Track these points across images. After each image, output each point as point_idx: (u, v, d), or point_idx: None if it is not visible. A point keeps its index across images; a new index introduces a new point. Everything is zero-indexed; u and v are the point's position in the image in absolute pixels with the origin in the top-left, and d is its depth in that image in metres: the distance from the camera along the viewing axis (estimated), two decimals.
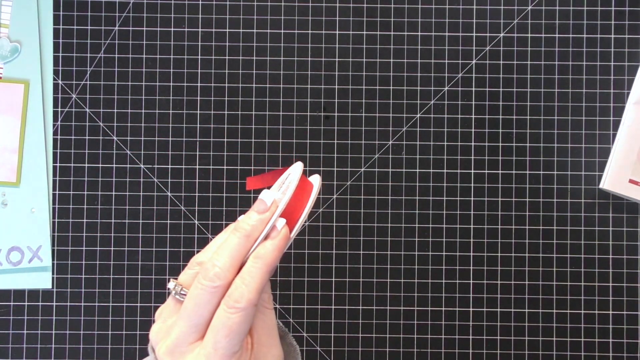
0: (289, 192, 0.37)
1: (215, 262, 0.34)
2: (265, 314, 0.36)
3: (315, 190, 0.39)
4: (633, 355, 0.55)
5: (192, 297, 0.34)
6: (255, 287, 0.33)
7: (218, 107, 0.57)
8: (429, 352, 0.56)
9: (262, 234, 0.35)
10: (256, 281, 0.33)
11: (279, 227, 0.36)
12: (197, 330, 0.33)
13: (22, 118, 0.56)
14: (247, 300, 0.33)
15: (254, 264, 0.34)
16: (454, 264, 0.56)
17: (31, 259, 0.56)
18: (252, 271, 0.34)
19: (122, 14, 0.57)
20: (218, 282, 0.33)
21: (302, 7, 0.57)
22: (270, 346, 0.36)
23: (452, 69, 0.56)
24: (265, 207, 0.36)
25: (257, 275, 0.34)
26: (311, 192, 0.38)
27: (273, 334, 0.36)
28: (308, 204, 0.38)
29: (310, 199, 0.38)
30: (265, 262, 0.34)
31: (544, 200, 0.56)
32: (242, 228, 0.35)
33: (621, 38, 0.56)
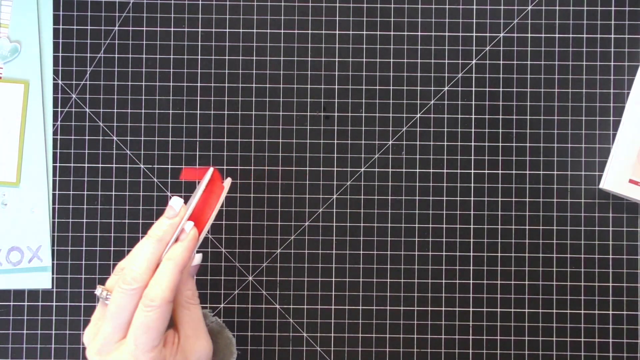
0: (195, 198, 0.41)
1: (132, 266, 0.37)
2: (190, 309, 0.40)
3: (224, 193, 0.42)
4: (633, 355, 0.55)
5: (114, 300, 0.37)
6: (168, 286, 0.36)
7: (218, 107, 0.57)
8: (429, 352, 0.56)
9: (173, 237, 0.39)
10: (169, 280, 0.37)
11: (187, 229, 0.39)
12: (121, 330, 0.37)
13: (22, 118, 0.56)
14: (161, 299, 0.36)
15: (166, 265, 0.37)
16: (454, 264, 0.56)
17: (31, 259, 0.56)
18: (164, 272, 0.37)
19: (122, 14, 0.57)
20: (135, 285, 0.36)
21: (302, 7, 0.57)
22: (197, 338, 0.39)
23: (452, 69, 0.56)
24: (175, 213, 0.39)
25: (169, 275, 0.37)
26: (221, 194, 0.42)
27: (199, 327, 0.40)
28: (216, 206, 0.42)
29: (219, 201, 0.42)
30: (176, 262, 0.37)
31: (544, 200, 0.56)
32: (155, 234, 0.39)
33: (621, 38, 0.56)
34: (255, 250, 0.56)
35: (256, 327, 0.56)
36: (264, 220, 0.56)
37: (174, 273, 0.37)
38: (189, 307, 0.40)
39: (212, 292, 0.56)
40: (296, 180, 0.56)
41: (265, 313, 0.56)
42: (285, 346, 0.56)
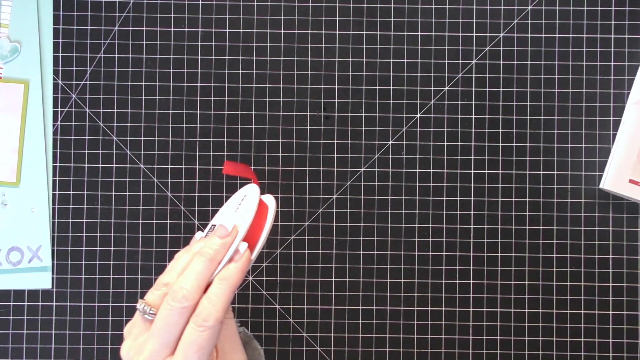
0: (249, 217, 0.40)
1: (182, 284, 0.37)
2: (226, 324, 0.39)
3: (272, 212, 0.41)
4: (633, 355, 0.55)
5: (162, 317, 0.37)
6: (222, 307, 0.37)
7: (218, 107, 0.57)
8: (429, 352, 0.56)
9: (226, 257, 0.38)
10: (222, 301, 0.37)
11: (242, 250, 0.39)
12: (168, 347, 0.37)
13: (22, 118, 0.56)
14: (215, 319, 0.36)
15: (219, 285, 0.37)
16: (454, 264, 0.56)
17: (31, 259, 0.56)
18: (218, 292, 0.37)
19: (122, 14, 0.57)
20: (186, 304, 0.36)
21: (302, 7, 0.57)
22: (234, 352, 0.40)
23: (452, 69, 0.56)
24: (227, 233, 0.39)
25: (223, 295, 0.37)
26: (267, 213, 0.41)
27: (235, 340, 0.40)
28: (266, 226, 0.41)
29: (268, 221, 0.41)
30: (230, 283, 0.37)
31: (544, 200, 0.56)
32: (207, 253, 0.38)
33: (621, 38, 0.56)
34: None
35: (256, 327, 0.56)
36: None
37: (228, 294, 0.37)
38: (226, 321, 0.40)
39: None
40: (296, 180, 0.56)
41: (265, 313, 0.56)
42: (285, 346, 0.56)
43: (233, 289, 0.38)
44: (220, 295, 0.37)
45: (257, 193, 0.41)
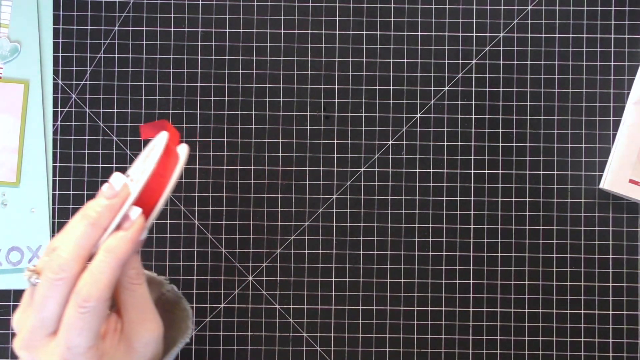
0: (144, 177, 0.32)
1: (60, 252, 0.31)
2: (134, 290, 0.34)
3: (180, 165, 0.34)
4: (633, 355, 0.55)
5: (39, 289, 0.32)
6: (105, 284, 0.31)
7: (218, 107, 0.57)
8: (429, 352, 0.56)
9: (114, 222, 0.32)
10: (106, 277, 0.31)
11: (133, 217, 0.32)
12: (48, 325, 0.32)
13: (22, 118, 0.56)
14: (96, 299, 0.31)
15: (103, 259, 0.32)
16: (454, 264, 0.56)
17: (31, 259, 0.56)
18: (101, 266, 0.31)
19: (122, 14, 0.57)
20: (62, 274, 0.31)
21: (302, 7, 0.57)
22: (143, 321, 0.34)
23: (452, 69, 0.56)
24: (114, 193, 0.33)
25: (106, 271, 0.31)
26: (175, 166, 0.34)
27: (146, 309, 0.35)
28: (169, 184, 0.33)
29: (172, 177, 0.34)
30: (116, 256, 0.32)
31: (544, 200, 0.56)
32: (89, 215, 0.32)
33: (621, 38, 0.56)
34: (255, 250, 0.56)
35: (256, 327, 0.56)
36: (264, 220, 0.56)
37: (113, 268, 0.32)
38: (132, 288, 0.34)
39: (212, 292, 0.56)
40: (296, 180, 0.56)
41: (265, 313, 0.56)
42: (285, 346, 0.56)
43: (120, 263, 0.32)
44: (104, 270, 0.31)
45: (162, 145, 0.33)
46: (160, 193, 0.33)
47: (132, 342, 0.34)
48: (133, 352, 0.34)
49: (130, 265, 0.34)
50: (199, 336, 0.56)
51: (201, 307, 0.56)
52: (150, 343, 0.35)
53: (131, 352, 0.34)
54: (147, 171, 0.33)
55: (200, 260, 0.56)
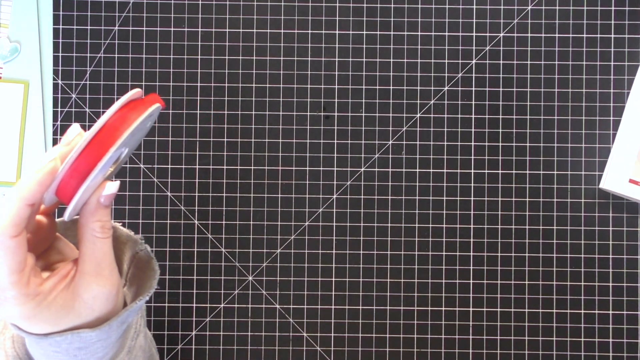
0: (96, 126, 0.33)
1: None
2: (95, 243, 0.35)
3: (141, 118, 0.34)
4: (633, 355, 0.55)
5: None
6: (8, 219, 0.32)
7: (218, 107, 0.57)
8: (429, 352, 0.56)
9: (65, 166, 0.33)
10: (8, 213, 0.32)
11: (48, 157, 0.33)
12: None
13: (22, 118, 0.56)
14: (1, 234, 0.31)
15: (8, 195, 0.32)
16: (454, 264, 0.56)
17: None
18: (5, 202, 0.32)
19: (122, 13, 0.57)
20: None
21: (302, 7, 0.57)
22: (96, 275, 0.35)
23: (452, 69, 0.56)
24: (67, 141, 0.34)
25: (9, 207, 0.32)
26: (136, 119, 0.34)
27: (104, 263, 0.35)
28: (123, 134, 0.33)
29: (128, 128, 0.33)
30: (20, 194, 0.32)
31: (544, 200, 0.56)
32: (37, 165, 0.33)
33: (621, 38, 0.56)
34: (255, 250, 0.56)
35: (256, 327, 0.56)
36: (264, 220, 0.56)
37: (17, 205, 0.32)
38: (94, 240, 0.35)
39: (212, 292, 0.56)
40: (296, 180, 0.56)
41: (265, 313, 0.56)
42: (285, 346, 0.56)
43: (24, 200, 0.32)
44: (7, 206, 0.32)
45: (130, 94, 0.34)
46: (111, 143, 0.33)
47: (80, 292, 0.35)
48: (79, 301, 0.35)
49: (95, 217, 0.35)
50: (199, 336, 0.56)
51: (201, 307, 0.56)
52: (99, 297, 0.35)
53: (77, 301, 0.35)
54: (100, 121, 0.33)
55: (200, 260, 0.56)
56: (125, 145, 0.34)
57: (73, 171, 0.33)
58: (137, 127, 0.34)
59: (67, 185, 0.33)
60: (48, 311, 0.34)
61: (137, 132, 0.35)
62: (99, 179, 0.34)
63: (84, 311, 0.35)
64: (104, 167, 0.33)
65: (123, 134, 0.33)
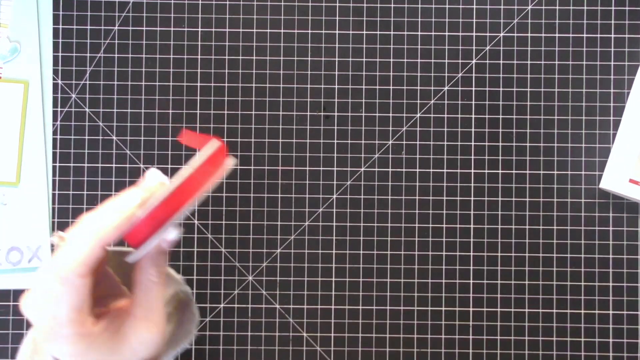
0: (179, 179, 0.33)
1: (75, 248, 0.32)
2: (150, 288, 0.35)
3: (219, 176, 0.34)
4: (633, 355, 0.55)
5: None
6: (81, 260, 0.31)
7: (218, 107, 0.57)
8: (429, 352, 0.56)
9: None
10: (82, 254, 0.32)
11: (126, 208, 0.33)
12: None
13: (22, 118, 0.56)
14: (71, 271, 0.31)
15: (85, 235, 0.32)
16: (454, 264, 0.56)
17: (31, 259, 0.56)
18: (80, 242, 0.32)
19: (122, 13, 0.57)
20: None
21: (302, 7, 0.57)
22: (147, 320, 0.35)
23: (452, 69, 0.56)
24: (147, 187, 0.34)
25: (84, 248, 0.32)
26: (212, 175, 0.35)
27: (154, 309, 0.35)
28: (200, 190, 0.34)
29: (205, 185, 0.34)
30: (97, 236, 0.32)
31: (544, 200, 0.56)
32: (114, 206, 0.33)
33: (621, 38, 0.56)
34: (255, 250, 0.56)
35: (256, 327, 0.56)
36: (264, 220, 0.56)
37: (92, 247, 0.32)
38: (150, 285, 0.35)
39: (212, 292, 0.56)
40: (296, 180, 0.56)
41: (265, 313, 0.56)
42: (285, 346, 0.56)
43: (99, 242, 0.32)
44: (82, 247, 0.32)
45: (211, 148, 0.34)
46: (191, 196, 0.34)
47: (128, 336, 0.35)
48: (126, 346, 0.35)
49: (154, 263, 0.35)
50: (199, 336, 0.56)
51: (201, 307, 0.56)
52: (145, 342, 0.35)
53: (124, 345, 0.35)
54: (184, 173, 0.33)
55: (200, 260, 0.56)
56: (203, 195, 0.35)
57: (149, 219, 0.33)
58: (215, 181, 0.35)
59: (140, 231, 0.33)
60: (95, 352, 0.34)
61: (215, 182, 0.36)
62: (172, 227, 0.35)
63: (128, 354, 0.35)
64: (181, 215, 0.34)
65: (203, 187, 0.34)
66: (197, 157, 0.35)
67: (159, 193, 0.33)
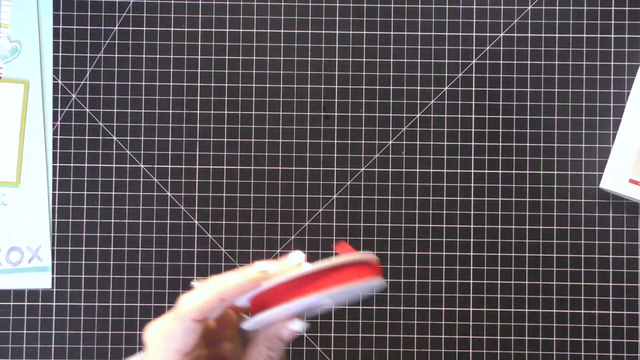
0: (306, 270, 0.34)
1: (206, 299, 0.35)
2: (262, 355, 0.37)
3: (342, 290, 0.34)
4: (633, 355, 0.55)
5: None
6: (198, 305, 0.34)
7: (218, 107, 0.57)
8: (429, 352, 0.56)
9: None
10: (202, 300, 0.34)
11: (255, 269, 0.35)
12: None
13: (22, 118, 0.56)
14: (185, 311, 0.33)
15: (209, 286, 0.34)
16: (454, 264, 0.56)
17: (31, 259, 0.56)
18: (204, 290, 0.34)
19: (122, 14, 0.57)
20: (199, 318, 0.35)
21: (302, 7, 0.57)
22: None
23: (452, 69, 0.56)
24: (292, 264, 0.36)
25: (206, 293, 0.34)
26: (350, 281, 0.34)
27: None
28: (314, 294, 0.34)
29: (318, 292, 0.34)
30: (220, 288, 0.34)
31: (544, 200, 0.56)
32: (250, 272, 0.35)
33: (621, 38, 0.56)
34: (255, 250, 0.56)
35: None
36: (264, 220, 0.56)
37: (211, 295, 0.34)
38: (264, 354, 0.37)
39: None
40: (296, 180, 0.56)
41: None
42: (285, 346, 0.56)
43: (220, 295, 0.34)
44: (203, 294, 0.34)
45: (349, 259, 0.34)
46: (321, 288, 0.34)
47: None
48: None
49: (271, 344, 0.37)
50: None
51: None
52: None
53: None
54: (325, 265, 0.34)
55: (200, 260, 0.56)
56: (331, 297, 0.35)
57: (275, 291, 0.34)
58: (350, 289, 0.34)
59: (262, 300, 0.34)
60: None
61: (349, 292, 0.35)
62: (292, 311, 0.35)
63: None
64: (303, 303, 0.34)
65: (336, 287, 0.34)
66: (346, 257, 0.35)
67: (291, 272, 0.34)
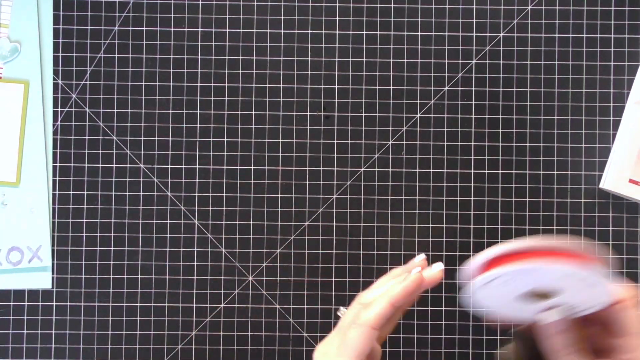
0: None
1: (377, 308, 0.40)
2: None
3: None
4: None
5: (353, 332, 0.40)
6: (374, 314, 0.39)
7: (218, 107, 0.57)
8: (429, 352, 0.56)
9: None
10: (377, 310, 0.39)
11: (412, 273, 0.40)
12: None
13: (22, 118, 0.56)
14: (364, 320, 0.38)
15: (381, 295, 0.40)
16: (454, 263, 0.56)
17: (31, 259, 0.56)
18: (378, 300, 0.40)
19: (122, 14, 0.57)
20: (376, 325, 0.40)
21: (302, 7, 0.57)
22: None
23: (452, 69, 0.56)
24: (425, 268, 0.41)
25: (379, 306, 0.39)
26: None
27: None
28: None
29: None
30: (389, 296, 0.39)
31: (544, 200, 0.56)
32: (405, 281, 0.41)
33: (621, 38, 0.56)
34: (255, 250, 0.56)
35: (256, 327, 0.56)
36: (264, 220, 0.56)
37: (384, 304, 0.39)
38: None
39: (212, 292, 0.56)
40: (296, 180, 0.56)
41: (265, 313, 0.56)
42: (285, 346, 0.56)
43: (391, 302, 0.39)
44: (377, 305, 0.39)
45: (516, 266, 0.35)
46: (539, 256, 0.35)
47: None
48: None
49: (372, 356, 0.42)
50: (199, 336, 0.56)
51: (201, 307, 0.56)
52: None
53: None
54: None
55: (200, 260, 0.56)
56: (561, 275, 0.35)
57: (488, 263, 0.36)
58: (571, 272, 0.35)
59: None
60: None
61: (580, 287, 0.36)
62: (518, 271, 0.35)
63: None
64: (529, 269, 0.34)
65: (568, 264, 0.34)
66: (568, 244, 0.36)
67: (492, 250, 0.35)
